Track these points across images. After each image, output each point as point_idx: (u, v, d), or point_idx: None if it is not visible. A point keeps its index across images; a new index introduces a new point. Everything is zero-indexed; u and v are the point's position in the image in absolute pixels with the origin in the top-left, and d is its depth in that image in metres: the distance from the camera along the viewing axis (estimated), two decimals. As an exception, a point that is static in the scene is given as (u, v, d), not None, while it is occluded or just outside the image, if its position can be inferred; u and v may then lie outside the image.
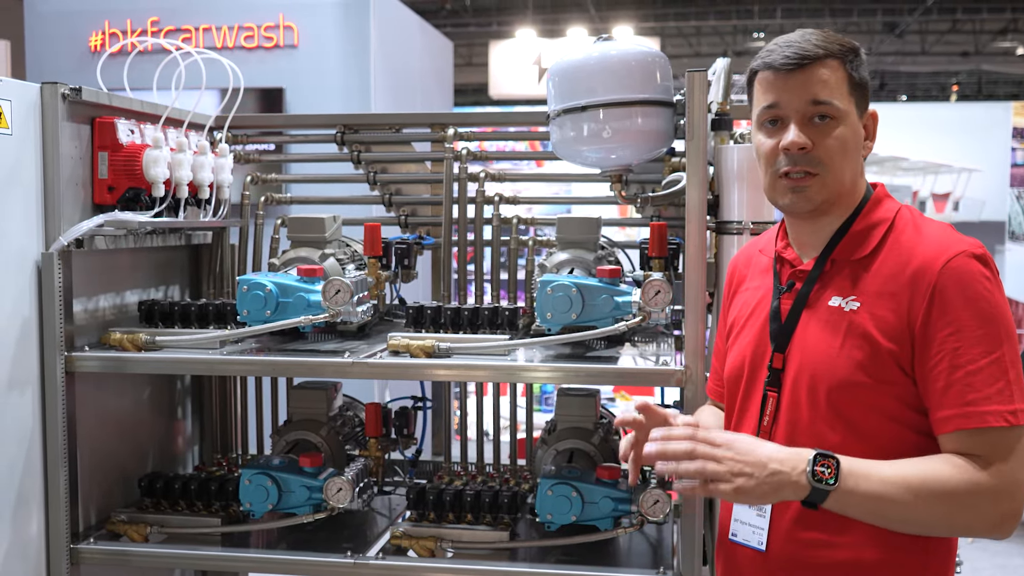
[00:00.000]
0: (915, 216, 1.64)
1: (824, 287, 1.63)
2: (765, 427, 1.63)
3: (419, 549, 2.36)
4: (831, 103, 1.58)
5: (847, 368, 1.54)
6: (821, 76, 1.57)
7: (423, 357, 2.30)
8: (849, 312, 1.57)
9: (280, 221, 2.84)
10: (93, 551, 2.38)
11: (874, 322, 1.54)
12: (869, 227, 1.63)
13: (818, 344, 1.59)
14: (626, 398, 5.38)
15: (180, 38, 4.91)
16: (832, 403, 1.56)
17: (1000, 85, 18.75)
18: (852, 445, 1.52)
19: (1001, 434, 1.45)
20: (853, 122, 1.61)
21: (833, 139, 1.59)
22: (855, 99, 1.61)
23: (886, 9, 13.93)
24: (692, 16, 14.68)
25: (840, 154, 1.60)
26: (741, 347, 1.75)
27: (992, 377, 1.46)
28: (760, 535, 1.62)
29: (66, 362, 2.32)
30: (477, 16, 14.19)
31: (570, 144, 2.31)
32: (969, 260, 1.51)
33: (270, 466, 2.42)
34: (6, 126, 2.18)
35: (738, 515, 1.68)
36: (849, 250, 1.63)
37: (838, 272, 1.63)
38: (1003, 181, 10.09)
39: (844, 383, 1.55)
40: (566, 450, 2.54)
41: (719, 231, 2.26)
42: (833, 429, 1.56)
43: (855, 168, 1.64)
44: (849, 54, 1.60)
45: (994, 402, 1.46)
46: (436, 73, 6.16)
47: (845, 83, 1.59)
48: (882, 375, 1.52)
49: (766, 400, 1.64)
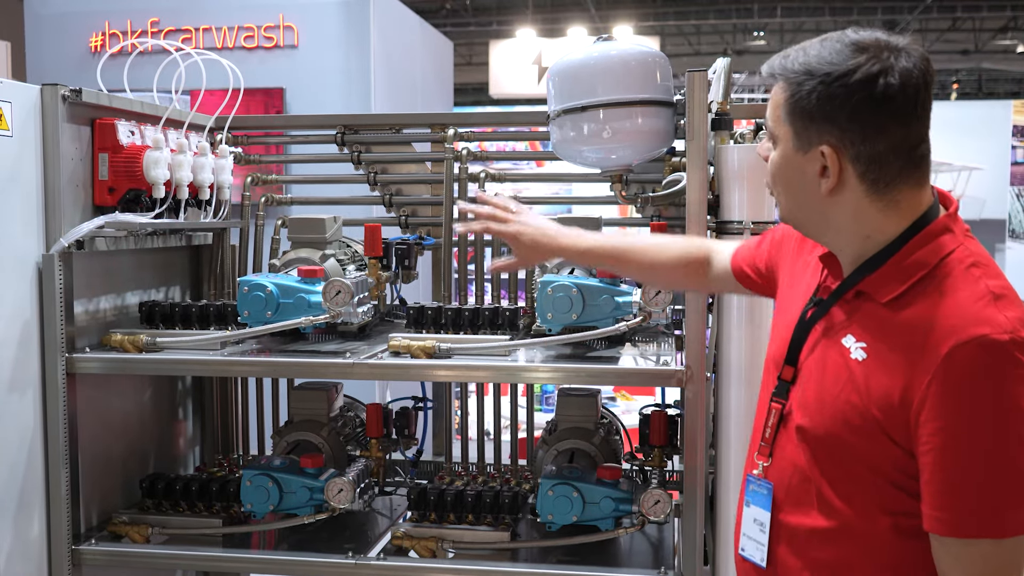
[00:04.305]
0: (963, 267, 1.38)
1: (845, 318, 1.47)
2: (767, 439, 1.54)
3: (420, 550, 2.36)
4: (767, 123, 1.48)
5: (835, 420, 1.42)
6: (772, 95, 1.46)
7: (424, 358, 2.30)
8: (854, 360, 1.41)
9: (280, 222, 2.84)
10: (94, 552, 2.38)
11: (871, 383, 1.38)
12: (909, 267, 1.40)
13: (816, 381, 1.47)
14: (627, 398, 5.37)
15: (180, 39, 4.91)
16: (819, 447, 1.46)
17: (1000, 83, 18.76)
18: (836, 491, 1.44)
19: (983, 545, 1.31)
20: (786, 151, 1.44)
21: (770, 161, 1.48)
22: (794, 128, 1.41)
23: (886, 8, 13.93)
24: (692, 15, 14.68)
25: (775, 178, 1.48)
26: (777, 335, 1.63)
27: (976, 486, 1.30)
28: (762, 551, 1.54)
29: (67, 363, 2.32)
30: (477, 16, 14.19)
31: (570, 144, 2.31)
32: (984, 347, 1.29)
33: (271, 467, 2.42)
34: (6, 128, 2.18)
35: (746, 530, 1.59)
36: (878, 286, 1.42)
37: (861, 308, 1.45)
38: (1003, 179, 10.09)
39: (829, 435, 1.43)
40: (567, 450, 2.54)
41: (719, 231, 2.26)
42: (816, 472, 1.45)
43: (801, 201, 1.46)
44: (801, 75, 1.39)
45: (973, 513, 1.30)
46: (436, 73, 6.15)
47: (781, 107, 1.43)
48: (868, 439, 1.39)
49: (771, 410, 1.54)
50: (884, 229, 1.42)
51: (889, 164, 1.38)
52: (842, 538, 1.43)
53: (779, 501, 1.51)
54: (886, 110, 1.35)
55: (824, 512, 1.45)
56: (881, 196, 1.40)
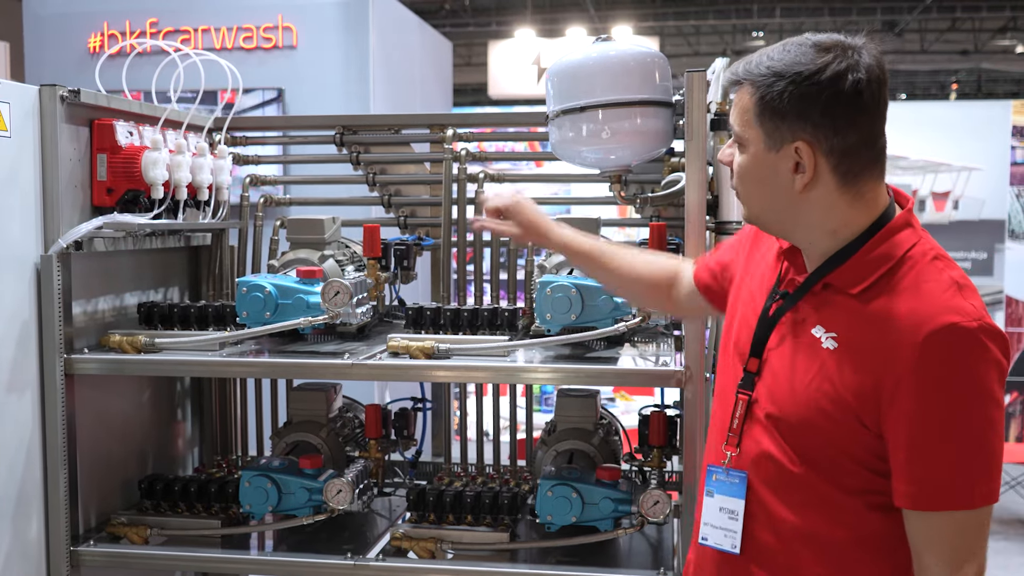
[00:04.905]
0: (927, 260, 1.47)
1: (813, 310, 1.53)
2: (735, 429, 1.59)
3: (419, 550, 2.36)
4: (733, 128, 1.54)
5: (808, 407, 1.48)
6: (737, 100, 1.53)
7: (423, 358, 2.30)
8: (825, 350, 1.48)
9: (279, 222, 2.84)
10: (93, 553, 2.38)
11: (843, 372, 1.45)
12: (873, 261, 1.48)
13: (786, 371, 1.53)
14: (626, 398, 5.37)
15: (179, 39, 4.91)
16: (790, 434, 1.52)
17: (1000, 83, 18.74)
18: (810, 476, 1.50)
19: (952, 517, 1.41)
20: (756, 152, 1.50)
21: (736, 164, 1.55)
22: (764, 129, 1.48)
23: (885, 8, 13.92)
24: (691, 16, 14.67)
25: (742, 181, 1.55)
26: (737, 328, 1.68)
27: (948, 462, 1.40)
28: (733, 538, 1.59)
29: (65, 364, 2.32)
30: (476, 16, 14.18)
31: (569, 145, 2.31)
32: (955, 334, 1.38)
33: (270, 468, 2.42)
34: (5, 128, 2.18)
35: (708, 519, 1.63)
36: (845, 280, 1.50)
37: (829, 300, 1.52)
38: (1003, 180, 10.08)
39: (802, 422, 1.49)
40: (566, 451, 2.54)
41: (718, 231, 2.26)
42: (789, 459, 1.52)
43: (772, 200, 1.53)
44: (770, 78, 1.46)
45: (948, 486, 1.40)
46: (435, 73, 6.15)
47: (750, 110, 1.49)
48: (841, 425, 1.46)
49: (737, 402, 1.59)
50: (851, 223, 1.50)
51: (859, 156, 1.47)
52: (816, 516, 1.51)
53: (753, 487, 1.57)
54: (855, 104, 1.44)
55: (798, 494, 1.51)
56: (850, 188, 1.48)
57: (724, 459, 1.61)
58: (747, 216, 1.61)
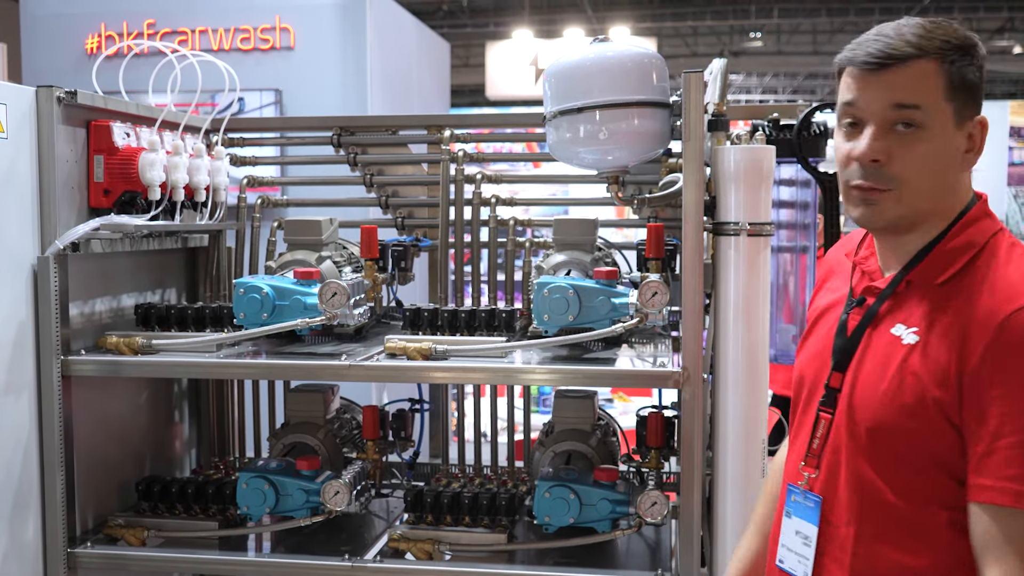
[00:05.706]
0: (1007, 245, 1.44)
1: (893, 310, 1.47)
2: (815, 449, 1.52)
3: (417, 552, 2.36)
4: (917, 109, 1.39)
5: (890, 410, 1.42)
6: (909, 78, 1.38)
7: (420, 359, 2.30)
8: (906, 346, 1.42)
9: (277, 224, 2.83)
10: (90, 555, 2.37)
11: (926, 363, 1.39)
12: (955, 250, 1.43)
13: (869, 375, 1.46)
14: (624, 399, 5.37)
15: (176, 40, 4.90)
16: (872, 440, 1.44)
17: (997, 84, 18.77)
18: (886, 487, 1.43)
19: None
20: (946, 133, 1.40)
21: (915, 153, 1.40)
22: (954, 106, 1.39)
23: (883, 8, 13.93)
24: (689, 16, 14.68)
25: (922, 170, 1.41)
26: (808, 353, 1.62)
27: None
28: (805, 565, 1.52)
29: (62, 366, 2.32)
30: (474, 17, 14.19)
31: (567, 145, 2.31)
32: None
33: (267, 469, 2.42)
34: (1, 130, 2.18)
35: (786, 541, 1.57)
36: (928, 273, 1.44)
37: (911, 296, 1.46)
38: (1000, 180, 10.10)
39: (883, 426, 1.42)
40: (564, 452, 2.54)
41: (716, 232, 2.26)
42: (872, 465, 1.44)
43: (945, 184, 1.44)
44: (952, 52, 1.38)
45: None
46: (433, 74, 6.15)
47: (941, 88, 1.38)
48: (926, 423, 1.39)
49: (819, 420, 1.52)
50: (957, 207, 1.47)
51: None
52: (899, 538, 1.42)
53: (830, 514, 1.49)
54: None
55: (881, 515, 1.43)
56: None
57: (802, 480, 1.54)
58: (906, 213, 1.45)
